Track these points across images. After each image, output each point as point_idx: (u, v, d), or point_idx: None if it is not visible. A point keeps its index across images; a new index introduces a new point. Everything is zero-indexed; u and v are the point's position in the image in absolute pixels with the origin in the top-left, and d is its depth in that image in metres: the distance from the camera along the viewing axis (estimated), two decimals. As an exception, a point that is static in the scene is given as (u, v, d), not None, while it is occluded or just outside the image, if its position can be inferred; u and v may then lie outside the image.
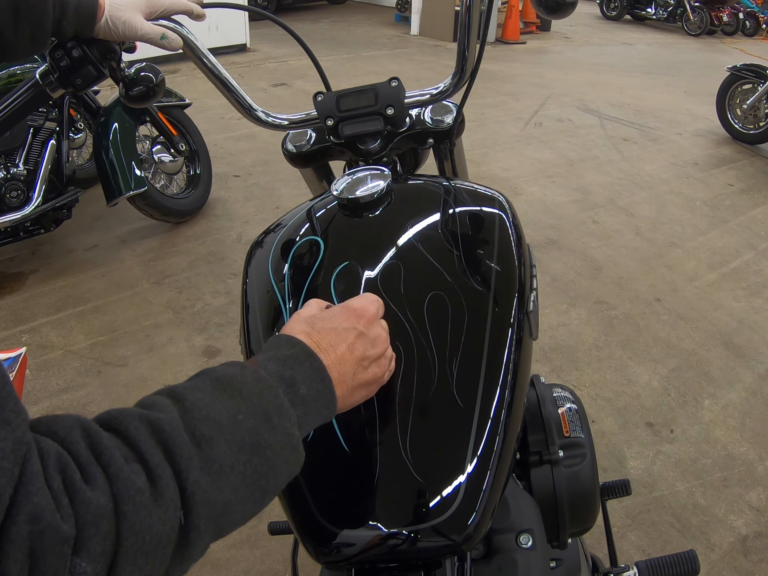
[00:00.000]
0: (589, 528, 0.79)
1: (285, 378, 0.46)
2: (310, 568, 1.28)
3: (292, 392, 0.46)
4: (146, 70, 1.95)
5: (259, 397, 0.43)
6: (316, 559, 0.57)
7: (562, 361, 2.25)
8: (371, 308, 0.55)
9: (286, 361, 0.47)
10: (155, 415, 0.38)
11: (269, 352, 0.48)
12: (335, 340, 0.51)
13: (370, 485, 0.57)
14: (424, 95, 0.88)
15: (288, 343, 0.49)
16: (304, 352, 0.48)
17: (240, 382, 0.43)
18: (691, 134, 4.80)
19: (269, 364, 0.47)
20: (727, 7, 9.84)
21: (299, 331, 0.51)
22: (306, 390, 0.47)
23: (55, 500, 0.31)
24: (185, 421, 0.38)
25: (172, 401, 0.40)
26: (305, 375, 0.47)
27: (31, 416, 0.34)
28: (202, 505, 0.37)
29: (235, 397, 0.42)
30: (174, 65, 5.50)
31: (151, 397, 0.41)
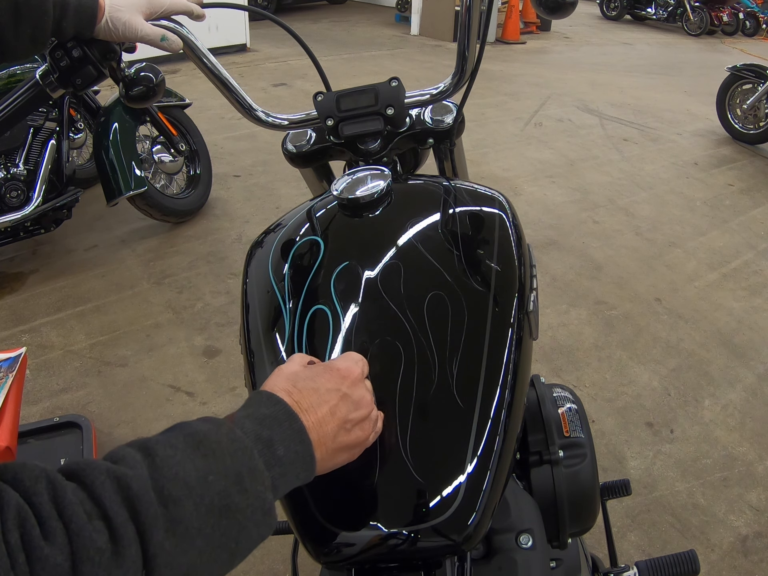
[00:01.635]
0: (589, 528, 0.79)
1: (262, 438, 0.45)
2: (310, 568, 1.28)
3: (268, 453, 0.44)
4: (146, 70, 1.95)
5: (233, 458, 0.42)
6: (316, 559, 0.57)
7: (562, 361, 2.25)
8: (355, 369, 0.53)
9: (264, 421, 0.46)
10: (123, 471, 0.36)
11: (248, 409, 0.47)
12: (317, 401, 0.50)
13: (370, 485, 0.57)
14: (424, 95, 0.88)
15: (268, 401, 0.48)
16: (284, 412, 0.47)
17: (214, 441, 0.42)
18: (691, 134, 4.80)
19: (247, 422, 0.46)
20: (727, 7, 9.84)
21: (281, 388, 0.50)
22: (284, 451, 0.45)
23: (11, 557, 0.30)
24: (154, 478, 0.37)
25: (142, 456, 0.39)
26: (284, 436, 0.46)
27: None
28: (165, 568, 0.36)
29: (207, 456, 0.41)
30: (174, 65, 5.50)
31: (123, 450, 0.40)
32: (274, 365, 0.64)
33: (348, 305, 0.65)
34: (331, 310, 0.65)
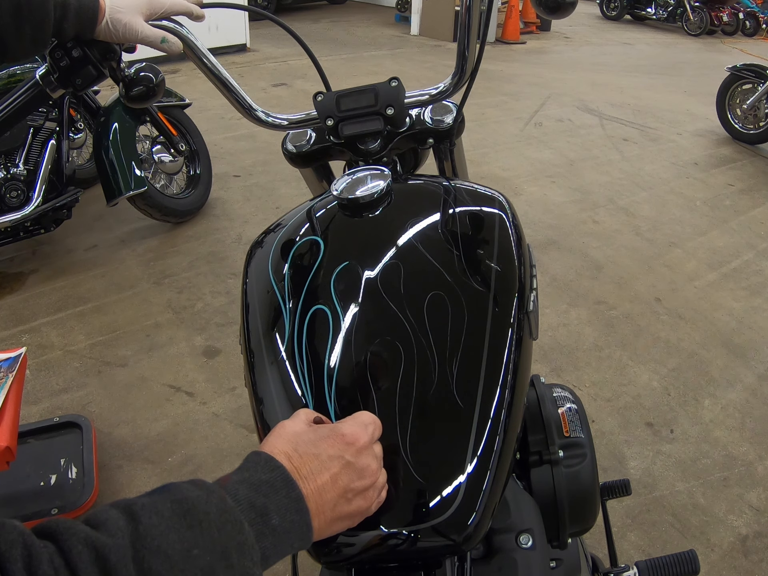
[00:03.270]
0: (589, 528, 0.79)
1: (256, 506, 0.43)
2: (310, 568, 1.28)
3: (261, 522, 0.43)
4: (146, 70, 1.95)
5: (221, 530, 0.40)
6: (316, 559, 0.57)
7: (562, 361, 2.25)
8: (362, 436, 0.50)
9: (260, 487, 0.44)
10: (102, 541, 0.35)
11: (244, 473, 0.45)
12: (317, 468, 0.48)
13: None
14: (424, 95, 0.88)
15: (266, 466, 0.46)
16: (281, 479, 0.45)
17: (203, 511, 0.40)
18: (691, 134, 4.81)
19: (241, 488, 0.44)
20: (727, 7, 9.85)
21: (280, 451, 0.48)
22: (279, 520, 0.43)
23: None
24: (135, 548, 0.36)
25: (126, 521, 0.37)
26: (280, 504, 0.44)
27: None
28: None
29: (193, 527, 0.39)
30: (174, 65, 5.50)
31: (107, 513, 0.38)
32: (274, 365, 0.64)
33: (348, 305, 0.65)
34: (331, 310, 0.65)
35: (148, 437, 1.85)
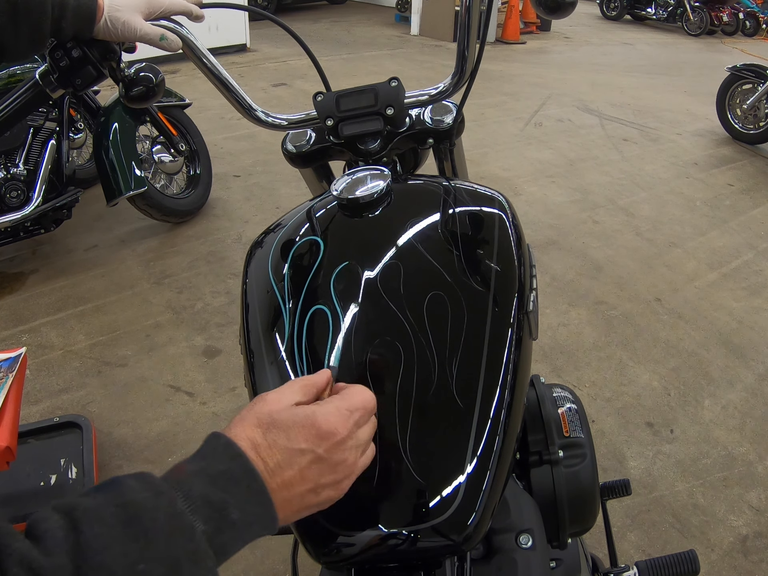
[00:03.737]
0: (589, 528, 0.79)
1: (213, 502, 0.39)
2: (310, 568, 1.28)
3: (219, 518, 0.39)
4: (146, 71, 1.94)
5: (169, 540, 0.36)
6: (316, 559, 0.57)
7: (562, 361, 2.25)
8: (341, 430, 0.46)
9: (218, 480, 0.40)
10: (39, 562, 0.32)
11: (201, 462, 0.41)
12: (285, 461, 0.43)
13: (370, 485, 0.56)
14: (424, 95, 0.88)
15: (225, 452, 0.42)
16: (242, 469, 0.41)
17: (150, 518, 0.36)
18: (691, 134, 4.81)
19: (196, 482, 0.40)
20: (727, 7, 9.84)
21: (246, 436, 0.43)
22: (239, 515, 0.40)
23: None
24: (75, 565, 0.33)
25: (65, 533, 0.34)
26: (240, 498, 0.40)
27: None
28: None
29: (138, 538, 0.35)
30: (174, 65, 5.50)
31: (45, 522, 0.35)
32: (274, 365, 0.64)
33: (348, 305, 0.65)
34: (330, 310, 0.65)
35: (148, 437, 1.85)
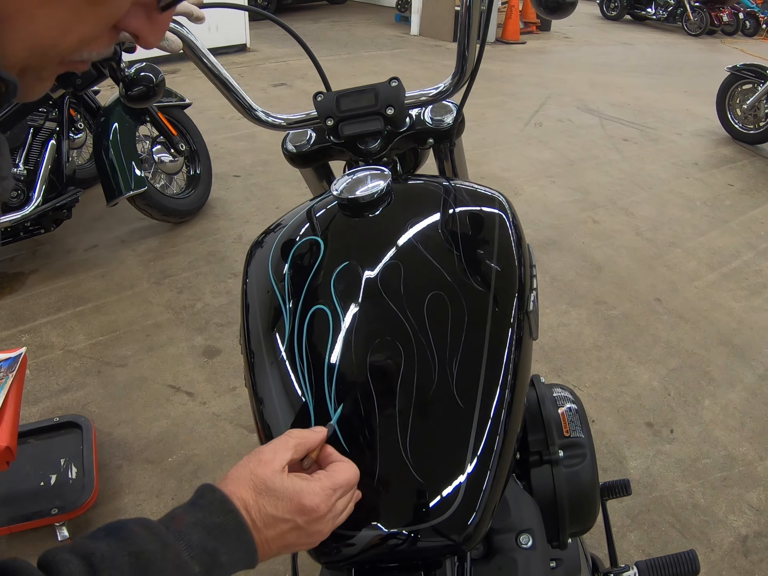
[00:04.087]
0: (589, 528, 0.79)
1: (208, 549, 0.46)
2: (310, 568, 1.28)
3: (211, 561, 0.46)
4: (146, 70, 1.94)
5: None
6: (316, 559, 0.57)
7: (562, 361, 2.25)
8: (322, 508, 0.51)
9: (213, 531, 0.47)
10: None
11: (198, 514, 0.47)
12: (269, 524, 0.50)
13: (370, 485, 0.57)
14: (424, 95, 0.88)
15: (220, 508, 0.48)
16: (234, 524, 0.48)
17: (159, 568, 0.42)
18: (691, 134, 4.81)
19: (195, 532, 0.46)
20: (727, 7, 9.84)
21: (240, 497, 0.49)
22: (227, 559, 0.47)
23: None
24: None
25: None
26: (230, 547, 0.47)
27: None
28: None
29: None
30: (174, 65, 5.50)
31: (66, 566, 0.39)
32: (274, 365, 0.64)
33: (348, 305, 0.65)
34: (331, 310, 0.65)
35: (148, 437, 1.85)
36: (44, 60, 0.36)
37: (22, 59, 0.35)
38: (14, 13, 0.33)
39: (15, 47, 0.34)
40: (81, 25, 0.35)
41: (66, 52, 0.37)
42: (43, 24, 0.34)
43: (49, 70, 0.38)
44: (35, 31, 0.34)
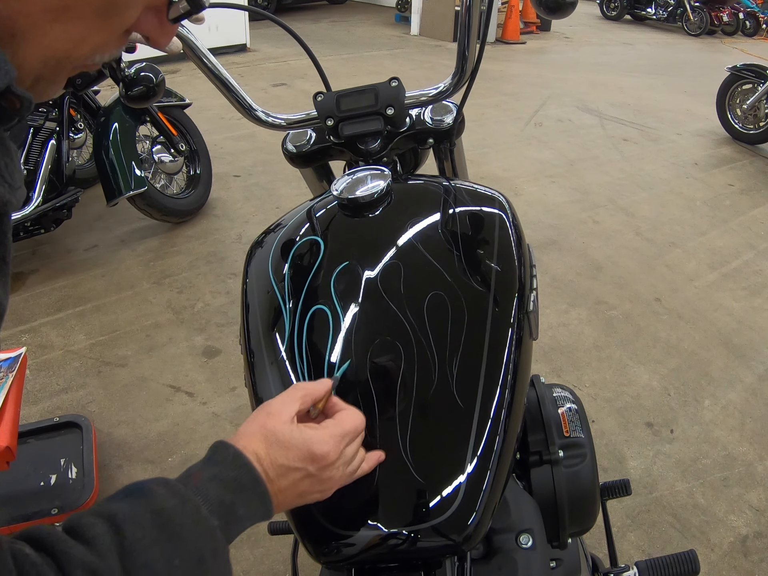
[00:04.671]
0: (589, 528, 0.79)
1: (225, 503, 0.47)
2: (310, 568, 1.28)
3: (229, 514, 0.47)
4: (146, 70, 1.94)
5: (197, 540, 0.44)
6: (316, 559, 0.57)
7: (562, 361, 2.25)
8: (332, 454, 0.52)
9: (229, 484, 0.48)
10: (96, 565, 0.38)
11: (214, 469, 0.49)
12: (281, 474, 0.51)
13: (370, 485, 0.57)
14: (424, 95, 0.88)
15: (235, 462, 0.49)
16: (249, 477, 0.49)
17: (179, 523, 0.43)
18: (691, 134, 4.80)
19: (212, 487, 0.47)
20: (727, 7, 9.84)
21: (252, 450, 0.51)
22: (244, 511, 0.48)
23: None
24: (124, 566, 0.39)
25: (111, 537, 0.40)
26: (246, 499, 0.48)
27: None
28: None
29: (173, 539, 0.42)
30: (174, 65, 5.50)
31: (92, 528, 0.40)
32: (274, 365, 0.64)
33: (348, 305, 0.65)
34: (331, 310, 0.65)
35: (148, 437, 1.85)
36: (58, 68, 0.37)
37: (37, 69, 0.36)
38: (29, 29, 0.34)
39: (30, 60, 0.35)
40: (94, 35, 0.37)
41: (79, 60, 0.38)
42: (56, 38, 0.35)
43: (62, 76, 0.39)
44: (49, 44, 0.35)
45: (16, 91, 0.34)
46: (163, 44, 0.43)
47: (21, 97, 0.35)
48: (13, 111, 0.35)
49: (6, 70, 0.33)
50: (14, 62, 0.34)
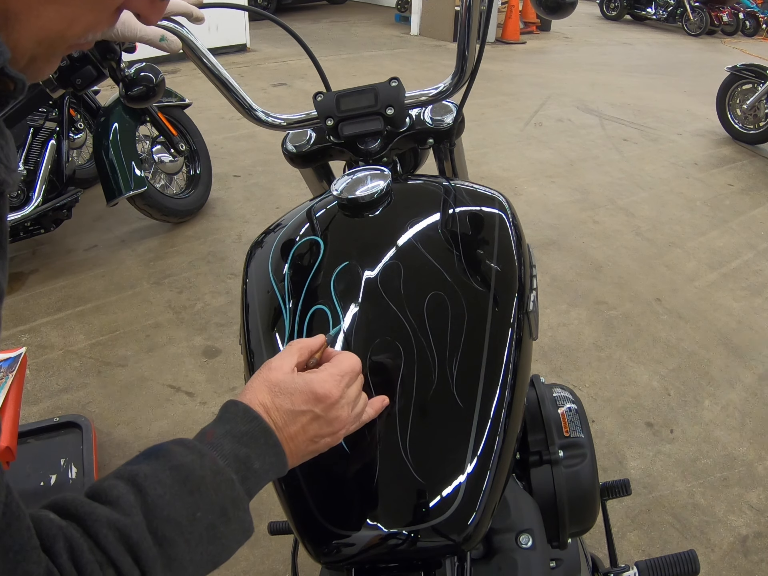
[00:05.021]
0: (589, 528, 0.79)
1: (240, 456, 0.48)
2: (310, 568, 1.28)
3: (245, 468, 0.48)
4: (146, 71, 1.94)
5: (217, 491, 0.45)
6: (316, 559, 0.57)
7: (562, 361, 2.25)
8: (334, 392, 0.54)
9: (242, 438, 0.49)
10: (123, 522, 0.40)
11: (226, 425, 0.50)
12: (290, 419, 0.52)
13: (370, 485, 0.57)
14: (424, 95, 0.88)
15: (245, 417, 0.51)
16: (260, 429, 0.50)
17: (199, 476, 0.44)
18: (691, 134, 4.80)
19: (225, 442, 0.48)
20: (727, 7, 9.84)
21: (259, 402, 0.52)
22: (259, 464, 0.49)
23: None
24: (149, 521, 0.41)
25: (135, 495, 0.41)
26: (260, 451, 0.49)
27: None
28: None
29: (194, 492, 0.44)
30: (174, 65, 5.50)
31: (116, 489, 0.42)
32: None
33: (348, 305, 0.65)
34: (331, 310, 0.65)
35: (148, 437, 1.85)
36: (52, 48, 0.38)
37: (31, 49, 0.37)
38: (22, 11, 0.34)
39: (24, 41, 0.36)
40: (86, 15, 0.37)
41: (73, 39, 0.39)
42: (49, 18, 0.36)
43: (56, 56, 0.39)
44: (42, 25, 0.36)
45: (9, 73, 0.35)
46: (154, 20, 0.44)
47: (15, 78, 0.35)
48: (7, 93, 0.36)
49: (1, 51, 0.34)
50: (8, 44, 0.35)
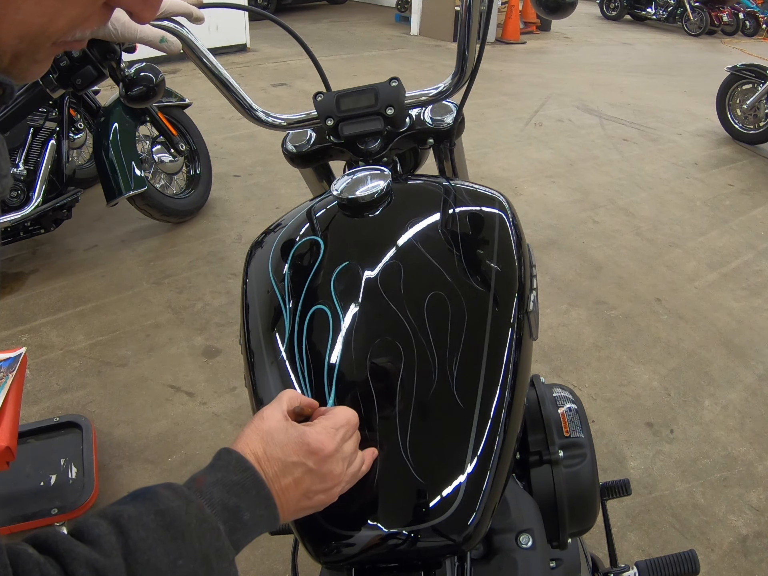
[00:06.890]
0: (589, 528, 0.79)
1: (229, 507, 0.47)
2: (310, 568, 1.28)
3: (234, 519, 0.47)
4: (146, 71, 1.94)
5: (201, 540, 0.44)
6: (316, 559, 0.57)
7: (562, 361, 2.25)
8: (328, 445, 0.53)
9: (232, 488, 0.48)
10: (101, 563, 0.38)
11: (217, 474, 0.49)
12: (282, 471, 0.51)
13: (370, 485, 0.57)
14: (424, 95, 0.88)
15: (237, 467, 0.50)
16: (252, 480, 0.49)
17: (184, 522, 0.43)
18: (691, 134, 4.80)
19: (215, 490, 0.47)
20: (727, 7, 9.84)
21: (251, 451, 0.51)
22: (249, 516, 0.48)
23: None
24: (128, 564, 0.39)
25: (116, 537, 0.40)
26: (250, 502, 0.48)
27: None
28: None
29: (177, 539, 0.42)
30: (174, 65, 5.50)
31: (97, 528, 0.40)
32: (274, 365, 0.65)
33: (348, 305, 0.65)
34: (331, 310, 0.65)
35: (148, 437, 1.85)
36: (35, 44, 0.36)
37: (13, 46, 0.35)
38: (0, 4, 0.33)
39: (4, 37, 0.34)
40: (69, 8, 0.35)
41: (57, 35, 0.37)
42: (29, 12, 0.34)
43: (43, 53, 0.38)
44: (22, 19, 0.34)
45: None
46: (147, 18, 0.41)
47: (2, 83, 0.34)
48: None
49: None
50: None
